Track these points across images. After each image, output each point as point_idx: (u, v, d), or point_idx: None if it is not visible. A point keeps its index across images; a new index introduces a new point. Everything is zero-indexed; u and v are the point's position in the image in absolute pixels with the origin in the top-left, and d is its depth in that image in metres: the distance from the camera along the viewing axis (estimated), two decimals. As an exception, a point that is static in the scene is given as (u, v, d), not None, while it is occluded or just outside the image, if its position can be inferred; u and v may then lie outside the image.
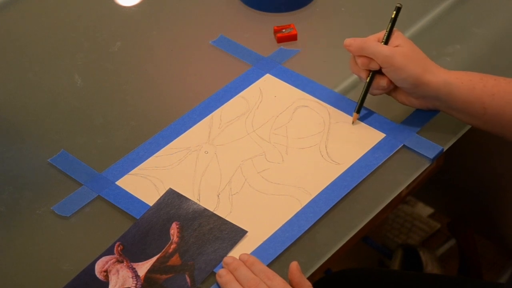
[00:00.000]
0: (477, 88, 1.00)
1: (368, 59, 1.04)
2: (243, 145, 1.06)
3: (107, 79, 1.18)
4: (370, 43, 1.03)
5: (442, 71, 1.02)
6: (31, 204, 1.01)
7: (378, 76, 1.05)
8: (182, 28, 1.27)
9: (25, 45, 1.25)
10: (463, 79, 1.01)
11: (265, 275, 0.88)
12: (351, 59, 1.07)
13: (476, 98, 1.00)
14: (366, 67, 1.05)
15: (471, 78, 1.01)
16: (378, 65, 1.04)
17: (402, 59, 1.01)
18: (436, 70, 1.02)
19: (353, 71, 1.07)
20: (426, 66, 1.02)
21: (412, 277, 1.25)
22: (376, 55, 1.03)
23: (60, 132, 1.10)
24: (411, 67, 1.01)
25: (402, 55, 1.02)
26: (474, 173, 1.49)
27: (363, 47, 1.03)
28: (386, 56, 1.02)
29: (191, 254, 0.93)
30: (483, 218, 1.57)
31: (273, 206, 0.98)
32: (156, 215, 0.97)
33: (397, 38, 1.04)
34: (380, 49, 1.02)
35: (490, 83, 1.00)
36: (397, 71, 1.02)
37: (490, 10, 1.27)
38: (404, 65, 1.01)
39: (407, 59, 1.02)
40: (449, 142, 1.06)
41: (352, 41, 1.05)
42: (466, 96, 1.01)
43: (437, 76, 1.01)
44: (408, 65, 1.01)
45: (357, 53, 1.05)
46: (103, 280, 0.91)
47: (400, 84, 1.03)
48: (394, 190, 1.01)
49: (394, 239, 1.82)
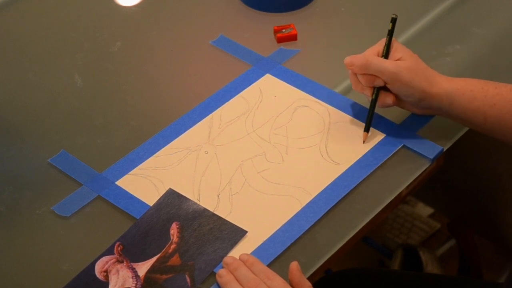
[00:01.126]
0: (478, 99, 1.00)
1: (372, 76, 1.02)
2: (243, 145, 1.06)
3: (107, 79, 1.18)
4: (373, 60, 1.01)
5: (445, 80, 1.01)
6: (31, 204, 1.01)
7: (383, 93, 1.03)
8: (182, 28, 1.27)
9: (25, 45, 1.25)
10: (465, 90, 1.00)
11: (265, 275, 0.88)
12: (352, 76, 1.04)
13: (477, 108, 1.00)
14: (371, 84, 1.03)
15: (472, 88, 1.01)
16: (383, 82, 1.02)
17: (408, 75, 1.00)
18: (439, 80, 1.01)
19: (356, 89, 1.05)
20: (430, 78, 1.01)
21: (412, 277, 1.25)
22: (382, 72, 1.00)
23: (60, 132, 1.10)
24: (417, 82, 1.00)
25: (407, 70, 1.00)
26: (474, 173, 1.49)
27: (366, 65, 1.01)
28: (392, 73, 1.00)
29: (191, 254, 0.93)
30: (483, 218, 1.57)
31: (273, 206, 0.98)
32: (156, 215, 0.97)
33: (397, 50, 1.03)
34: (385, 65, 1.00)
35: (490, 92, 1.00)
36: (404, 87, 1.00)
37: (490, 10, 1.27)
38: (411, 80, 1.00)
39: (412, 73, 1.00)
40: (449, 142, 1.06)
41: (353, 60, 1.02)
42: (467, 106, 1.00)
43: (440, 88, 1.01)
44: (414, 80, 1.00)
45: (360, 72, 1.02)
46: (103, 280, 0.91)
47: (407, 98, 1.03)
48: (394, 190, 1.01)
49: (394, 239, 1.82)
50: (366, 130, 1.05)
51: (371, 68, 1.01)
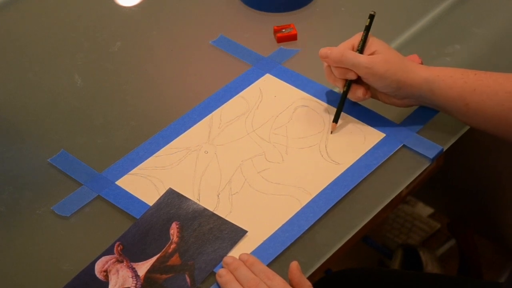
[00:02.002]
0: (458, 85, 1.00)
1: (345, 69, 1.03)
2: (243, 145, 1.06)
3: (107, 79, 1.18)
4: (348, 54, 1.02)
5: (423, 69, 1.02)
6: (31, 204, 1.01)
7: (354, 86, 1.05)
8: (182, 28, 1.27)
9: (25, 45, 1.25)
10: (444, 76, 1.01)
11: (265, 275, 0.88)
12: (326, 68, 1.06)
13: (458, 94, 1.00)
14: (344, 77, 1.04)
15: (452, 74, 1.01)
16: (355, 75, 1.03)
17: (382, 67, 1.01)
18: (416, 69, 1.02)
19: (329, 81, 1.07)
20: (406, 67, 1.02)
21: (412, 277, 1.25)
22: (355, 67, 1.02)
23: (60, 132, 1.10)
24: (391, 73, 1.01)
25: (381, 62, 1.01)
26: (474, 173, 1.49)
27: (341, 59, 1.03)
28: (365, 67, 1.01)
29: (191, 254, 0.93)
30: (483, 218, 1.57)
31: (273, 206, 0.98)
32: (156, 215, 0.97)
33: (372, 44, 1.04)
34: (359, 60, 1.02)
35: (470, 78, 1.00)
36: (379, 80, 1.02)
37: (490, 10, 1.27)
38: (385, 71, 1.01)
39: (386, 65, 1.01)
40: (449, 142, 1.06)
41: (328, 52, 1.04)
42: (447, 93, 1.01)
43: (418, 75, 1.01)
44: (389, 71, 1.01)
45: (335, 65, 1.04)
46: (103, 280, 0.91)
47: (383, 90, 1.04)
48: (394, 190, 1.01)
49: (394, 239, 1.82)
50: (335, 120, 1.07)
51: (345, 62, 1.03)
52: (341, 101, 1.06)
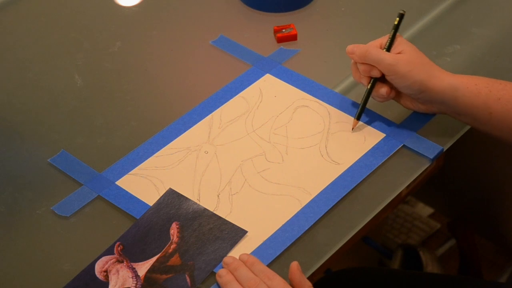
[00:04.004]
0: (483, 93, 0.99)
1: (369, 66, 1.03)
2: (243, 145, 1.06)
3: (107, 79, 1.18)
4: (373, 50, 1.02)
5: (447, 75, 1.01)
6: (31, 204, 1.01)
7: (379, 84, 1.04)
8: (182, 28, 1.27)
9: (25, 45, 1.25)
10: (469, 84, 1.00)
11: (265, 275, 0.88)
12: (353, 65, 1.06)
13: (482, 103, 1.00)
14: (368, 74, 1.04)
15: (477, 82, 1.00)
16: (379, 73, 1.03)
17: (405, 66, 1.00)
18: (441, 74, 1.01)
19: (355, 78, 1.06)
20: (431, 71, 1.01)
21: (412, 276, 1.25)
22: (379, 63, 1.02)
23: (60, 132, 1.10)
24: (415, 73, 1.00)
25: (405, 62, 1.01)
26: (474, 173, 1.49)
27: (365, 55, 1.03)
28: (389, 64, 1.01)
29: (191, 254, 0.93)
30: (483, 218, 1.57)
31: (273, 206, 0.98)
32: (156, 215, 0.97)
33: (400, 44, 1.04)
34: (383, 56, 1.01)
35: (496, 87, 1.00)
36: (402, 79, 1.01)
37: (490, 10, 1.27)
38: (408, 71, 1.00)
39: (410, 65, 1.01)
40: (449, 142, 1.06)
41: (354, 48, 1.04)
42: (471, 100, 1.00)
43: (442, 81, 1.00)
44: (412, 72, 1.00)
45: (360, 61, 1.04)
46: (103, 280, 0.91)
47: (405, 91, 1.03)
48: (394, 190, 1.01)
49: (394, 239, 1.82)
50: (357, 117, 1.06)
51: (369, 58, 1.02)
52: (364, 98, 1.06)
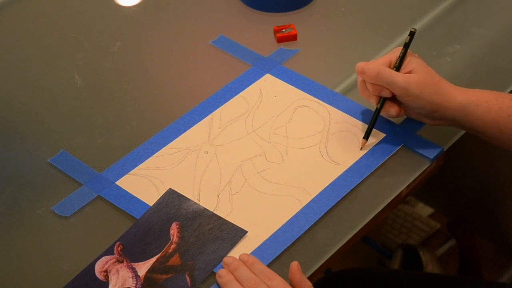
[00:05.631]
0: (493, 111, 0.99)
1: (381, 87, 1.01)
2: (243, 145, 1.06)
3: (107, 79, 1.18)
4: (385, 72, 1.00)
5: (458, 92, 1.01)
6: (31, 204, 1.01)
7: (388, 103, 1.03)
8: (182, 28, 1.27)
9: (25, 45, 1.25)
10: (479, 101, 1.00)
11: (265, 275, 0.88)
12: (361, 83, 1.04)
13: (492, 120, 1.00)
14: (378, 94, 1.02)
15: (487, 99, 1.00)
16: (390, 93, 1.01)
17: (418, 88, 0.99)
18: (452, 92, 1.01)
19: (363, 96, 1.05)
20: (442, 90, 1.00)
21: (412, 277, 1.25)
22: (391, 86, 1.00)
23: (60, 132, 1.10)
24: (427, 95, 0.99)
25: (417, 83, 0.99)
26: (474, 173, 1.49)
27: (377, 76, 1.00)
28: (401, 87, 0.99)
29: (191, 254, 0.93)
30: (483, 218, 1.57)
31: (273, 206, 0.98)
32: (156, 215, 0.97)
33: (410, 63, 1.02)
34: (396, 80, 1.00)
35: (506, 103, 1.00)
36: (414, 101, 1.00)
37: (490, 10, 1.27)
38: (420, 93, 0.99)
39: (422, 87, 0.99)
40: (449, 142, 1.06)
41: (365, 68, 1.01)
42: (482, 118, 1.00)
43: (454, 100, 1.00)
44: (424, 94, 0.99)
45: (371, 81, 1.02)
46: (103, 280, 0.91)
47: (418, 110, 1.02)
48: (394, 190, 1.01)
49: (394, 239, 1.82)
50: (366, 137, 1.05)
51: (381, 80, 1.01)
52: (373, 118, 1.04)
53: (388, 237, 1.82)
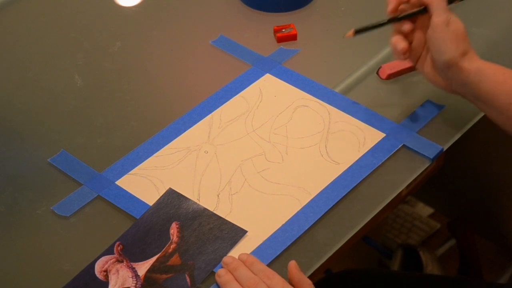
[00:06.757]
0: (508, 82, 0.98)
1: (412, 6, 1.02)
2: (243, 145, 1.06)
3: (107, 79, 1.18)
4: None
5: (478, 59, 1.00)
6: (31, 204, 1.01)
7: (399, 36, 1.02)
8: (182, 28, 1.27)
9: (25, 45, 1.25)
10: (496, 71, 0.99)
11: (264, 275, 0.88)
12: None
13: (504, 92, 0.98)
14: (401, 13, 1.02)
15: (505, 72, 0.99)
16: (411, 27, 1.01)
17: (450, 33, 0.99)
18: (473, 57, 1.00)
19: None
20: (466, 50, 0.99)
21: (412, 278, 1.24)
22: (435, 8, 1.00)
23: (60, 132, 1.10)
24: (453, 45, 0.99)
25: (453, 29, 0.99)
26: (474, 173, 1.49)
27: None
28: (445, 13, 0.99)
29: (191, 254, 0.93)
30: (483, 218, 1.57)
31: (273, 206, 0.98)
32: (156, 215, 0.97)
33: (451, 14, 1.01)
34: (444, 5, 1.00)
35: None
36: (444, 38, 0.99)
37: (490, 10, 1.27)
38: (448, 39, 0.99)
39: (454, 35, 0.99)
40: (449, 142, 1.06)
41: None
42: (494, 87, 0.99)
43: (471, 63, 0.99)
44: (452, 41, 0.99)
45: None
46: (103, 280, 0.91)
47: (435, 56, 1.00)
48: (394, 190, 1.01)
49: (394, 239, 1.82)
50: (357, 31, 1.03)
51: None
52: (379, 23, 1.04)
53: (388, 237, 1.82)
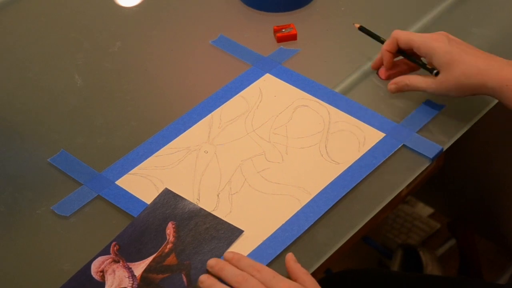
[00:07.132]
0: None
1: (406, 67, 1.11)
2: (243, 145, 1.06)
3: (107, 79, 1.19)
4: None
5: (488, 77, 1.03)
6: (31, 204, 1.01)
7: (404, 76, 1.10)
8: (182, 28, 1.27)
9: (25, 45, 1.25)
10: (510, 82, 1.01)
11: (253, 269, 0.88)
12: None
13: None
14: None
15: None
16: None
17: (453, 86, 1.04)
18: (481, 79, 1.03)
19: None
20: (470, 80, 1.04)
21: (412, 278, 1.25)
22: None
23: (60, 132, 1.10)
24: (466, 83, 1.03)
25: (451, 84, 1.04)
26: (474, 173, 1.49)
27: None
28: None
29: (187, 254, 0.93)
30: (483, 218, 1.57)
31: (273, 206, 0.98)
32: (152, 215, 0.97)
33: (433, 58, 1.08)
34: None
35: None
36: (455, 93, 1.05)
37: (490, 10, 1.27)
38: (447, 91, 1.05)
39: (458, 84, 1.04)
40: (449, 142, 1.06)
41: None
42: None
43: (483, 87, 1.02)
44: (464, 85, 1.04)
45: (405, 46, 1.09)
46: (99, 280, 0.91)
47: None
48: (394, 190, 1.01)
49: (394, 239, 1.82)
50: (361, 28, 1.12)
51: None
52: (380, 39, 1.11)
53: (388, 237, 1.82)
